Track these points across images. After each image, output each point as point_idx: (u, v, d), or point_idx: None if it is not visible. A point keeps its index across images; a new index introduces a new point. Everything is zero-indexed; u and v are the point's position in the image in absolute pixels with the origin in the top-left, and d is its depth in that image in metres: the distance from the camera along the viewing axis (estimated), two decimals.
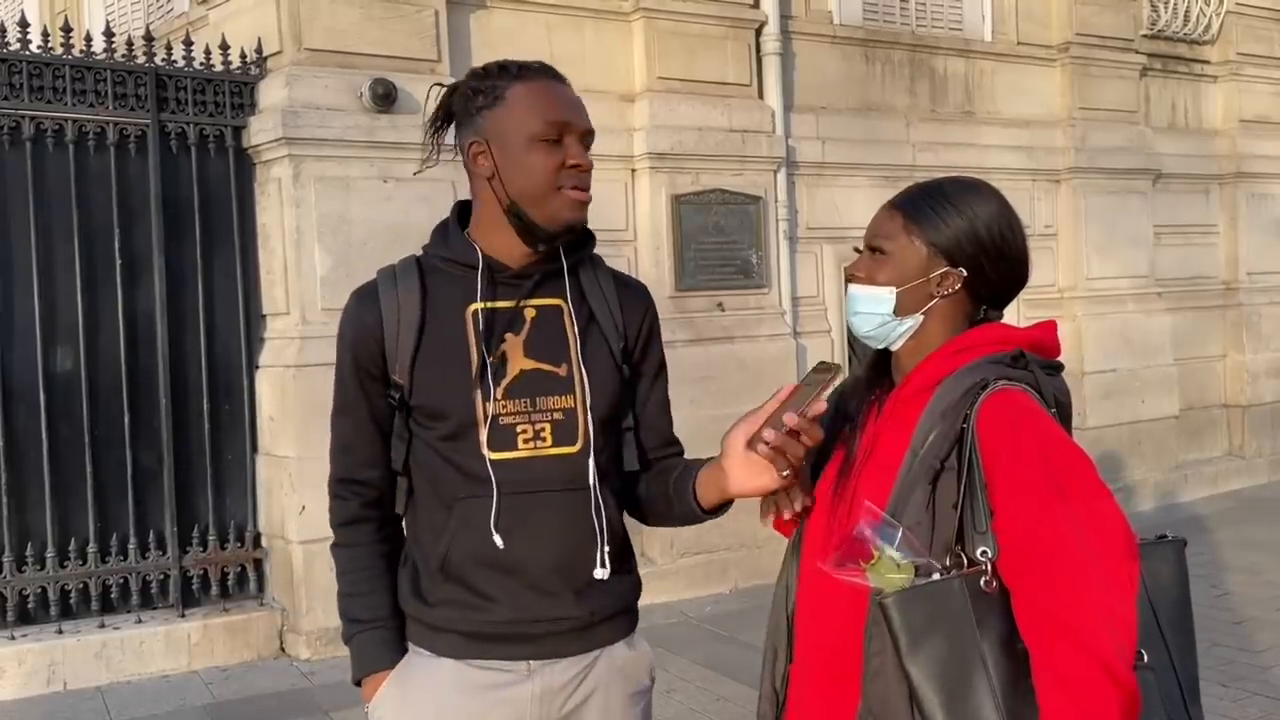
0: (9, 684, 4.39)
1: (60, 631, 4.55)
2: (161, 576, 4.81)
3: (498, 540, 1.57)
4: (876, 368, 1.59)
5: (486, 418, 1.59)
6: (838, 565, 1.36)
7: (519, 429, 1.60)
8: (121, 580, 4.74)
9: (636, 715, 1.72)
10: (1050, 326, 1.54)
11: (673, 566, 5.54)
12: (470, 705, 1.60)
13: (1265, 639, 4.71)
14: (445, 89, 1.70)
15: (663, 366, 1.80)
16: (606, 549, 1.62)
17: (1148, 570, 1.37)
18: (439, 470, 1.62)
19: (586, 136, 1.64)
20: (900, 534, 1.33)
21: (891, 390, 1.54)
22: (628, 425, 1.74)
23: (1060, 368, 1.51)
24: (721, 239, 5.96)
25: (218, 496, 4.95)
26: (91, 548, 4.68)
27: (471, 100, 1.63)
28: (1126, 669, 1.26)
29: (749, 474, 1.51)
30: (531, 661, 1.61)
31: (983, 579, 1.33)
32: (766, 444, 1.44)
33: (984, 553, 1.34)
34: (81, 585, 4.67)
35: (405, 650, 1.68)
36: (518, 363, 1.62)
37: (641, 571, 1.80)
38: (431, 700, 1.62)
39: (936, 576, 1.33)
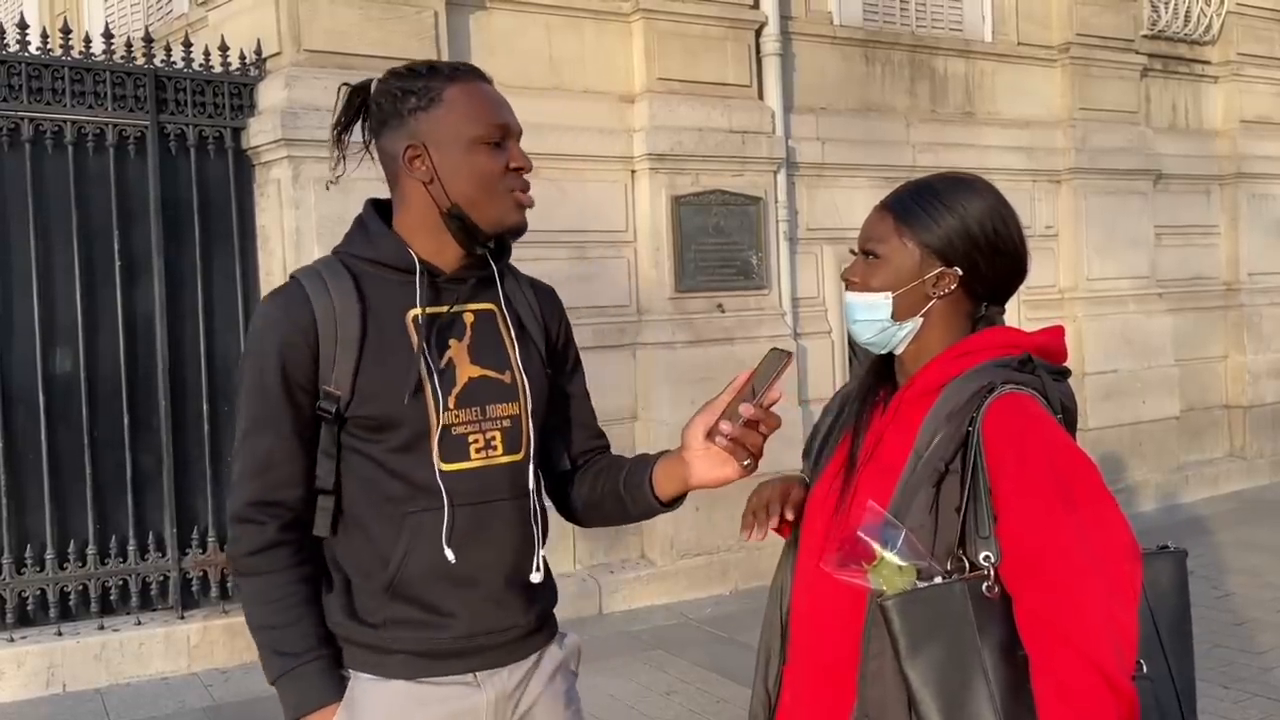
0: (8, 686, 4.38)
1: (59, 633, 4.54)
2: (161, 578, 4.80)
3: (449, 555, 1.52)
4: (880, 369, 1.58)
5: (439, 428, 1.54)
6: (839, 565, 1.35)
7: (471, 439, 1.56)
8: (121, 582, 4.74)
9: (578, 709, 1.73)
10: (1058, 332, 1.52)
11: (673, 568, 5.53)
12: None
13: (1266, 640, 4.70)
14: (351, 88, 1.64)
15: (579, 359, 1.80)
16: (541, 553, 1.62)
17: (1148, 580, 1.36)
18: (384, 485, 1.55)
19: (521, 138, 1.62)
20: (903, 536, 1.32)
21: (896, 392, 1.53)
22: (555, 426, 1.73)
23: (1067, 373, 1.50)
24: (721, 240, 5.96)
25: (217, 498, 4.94)
26: (91, 549, 4.67)
27: (401, 101, 1.57)
28: (1126, 678, 1.25)
29: (710, 466, 1.51)
30: (478, 672, 1.59)
31: (985, 584, 1.32)
32: (724, 436, 1.45)
33: (986, 558, 1.33)
34: (81, 587, 4.66)
35: (345, 679, 1.58)
36: (465, 370, 1.58)
37: (642, 573, 1.81)
38: None
39: (938, 580, 1.32)
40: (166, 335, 4.81)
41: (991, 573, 1.33)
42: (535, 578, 1.60)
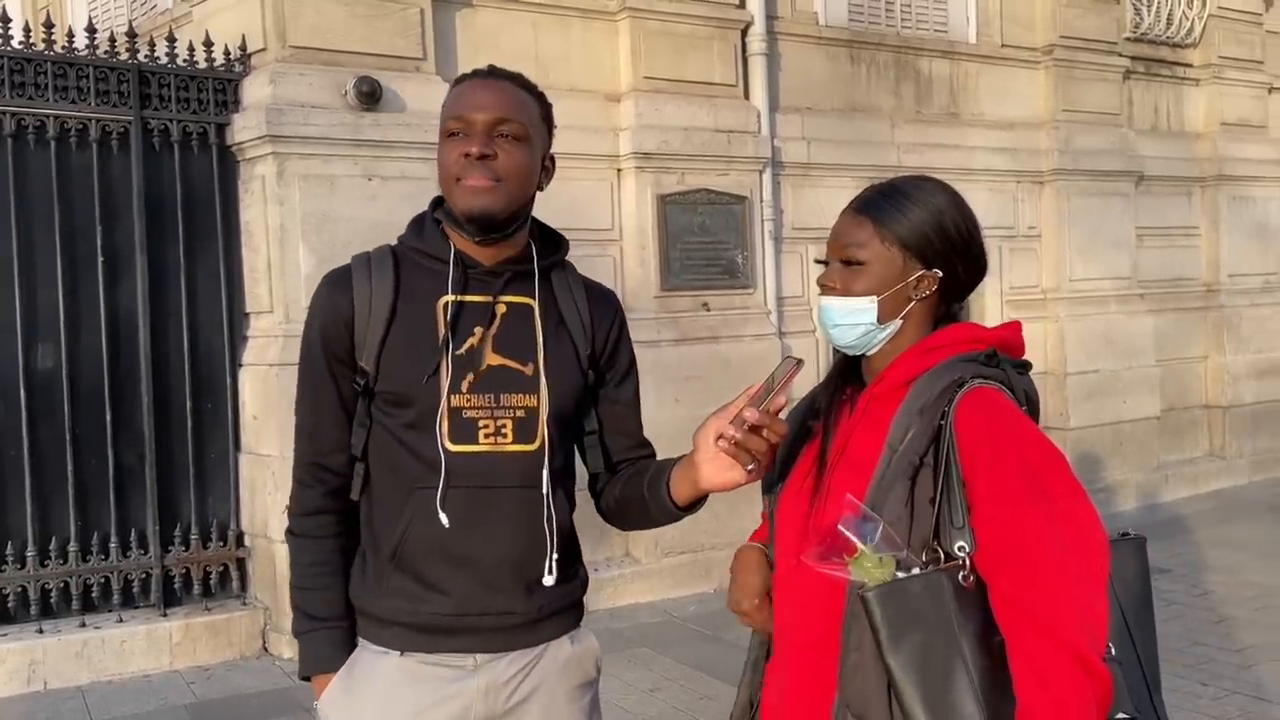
0: None
1: (41, 631, 4.52)
2: (143, 575, 4.79)
3: (443, 518, 1.58)
4: (844, 368, 1.60)
5: (450, 410, 1.60)
6: (820, 558, 1.37)
7: (481, 424, 1.61)
8: (103, 579, 4.72)
9: (584, 707, 1.73)
10: (1016, 326, 1.56)
11: (657, 566, 5.54)
12: (416, 699, 1.61)
13: (1245, 638, 4.75)
14: None
15: (631, 368, 1.80)
16: (555, 556, 1.64)
17: (1113, 566, 1.40)
18: (399, 459, 1.63)
19: (498, 125, 1.61)
20: (880, 528, 1.34)
21: (862, 390, 1.54)
22: (591, 429, 1.76)
23: (1028, 366, 1.54)
24: (707, 239, 5.97)
25: (200, 495, 4.93)
26: (72, 546, 4.65)
27: None
28: (1099, 660, 1.28)
29: (718, 469, 1.52)
30: (477, 655, 1.63)
31: (961, 574, 1.35)
32: (726, 440, 1.46)
33: (961, 548, 1.35)
34: (62, 584, 4.64)
35: (354, 648, 1.68)
36: (486, 358, 1.64)
37: (626, 570, 1.82)
38: (378, 695, 1.63)
39: (916, 571, 1.34)
40: (149, 332, 4.79)
41: (967, 562, 1.35)
42: (548, 580, 1.63)
